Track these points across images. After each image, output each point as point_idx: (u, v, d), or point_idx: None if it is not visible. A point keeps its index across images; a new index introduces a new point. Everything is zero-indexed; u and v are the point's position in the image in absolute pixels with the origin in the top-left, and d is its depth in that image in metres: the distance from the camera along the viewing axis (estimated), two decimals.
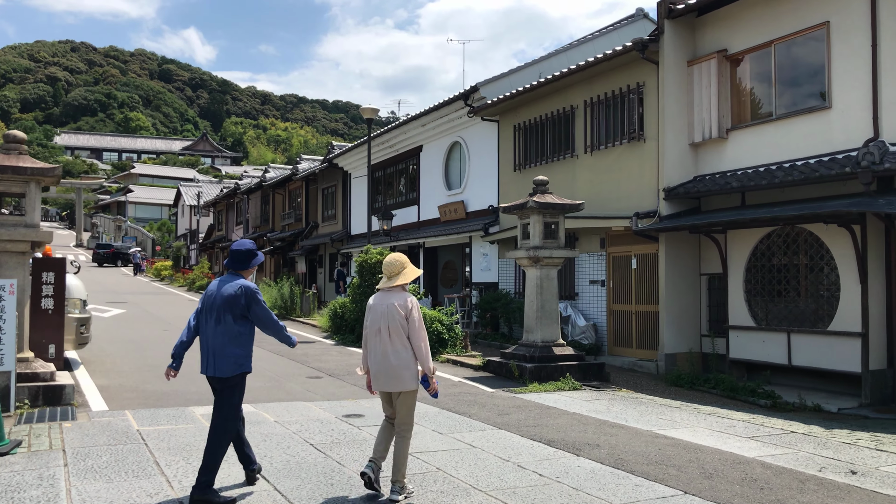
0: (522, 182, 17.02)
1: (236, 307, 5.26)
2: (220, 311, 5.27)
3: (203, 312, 5.40)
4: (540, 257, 11.67)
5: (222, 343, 5.23)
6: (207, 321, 5.33)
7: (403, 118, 22.29)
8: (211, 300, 5.34)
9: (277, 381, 10.70)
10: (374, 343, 5.43)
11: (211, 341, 5.28)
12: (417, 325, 5.36)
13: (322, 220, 30.20)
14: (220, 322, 5.25)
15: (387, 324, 5.35)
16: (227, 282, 5.38)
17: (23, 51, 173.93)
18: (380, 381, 5.41)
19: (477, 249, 19.07)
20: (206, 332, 5.35)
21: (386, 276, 5.53)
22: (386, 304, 5.40)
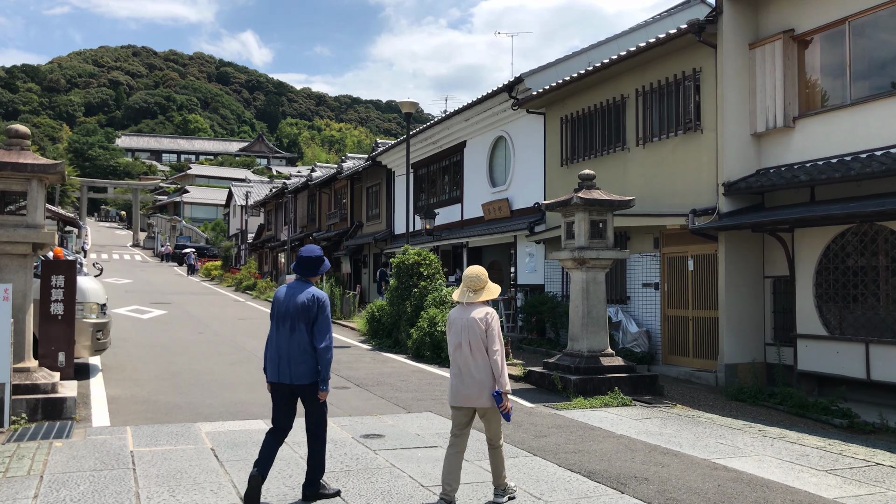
0: (570, 178, 15.98)
1: (309, 315, 5.27)
2: (293, 319, 5.28)
3: (275, 320, 5.40)
4: (586, 259, 10.69)
5: (298, 350, 5.24)
6: (280, 329, 5.33)
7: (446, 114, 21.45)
8: (283, 308, 5.35)
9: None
10: (455, 357, 5.40)
11: (285, 349, 5.29)
12: (496, 340, 5.30)
13: (366, 219, 29.61)
14: (294, 330, 5.27)
15: (468, 338, 5.31)
16: (299, 289, 5.38)
17: (87, 56, 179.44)
18: (460, 396, 5.35)
19: (522, 249, 18.11)
20: (279, 339, 5.35)
21: (471, 290, 5.49)
22: (466, 318, 5.37)
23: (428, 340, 13.45)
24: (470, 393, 5.29)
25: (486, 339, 5.29)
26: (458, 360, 5.37)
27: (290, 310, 5.31)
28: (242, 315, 22.75)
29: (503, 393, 5.23)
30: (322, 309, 5.32)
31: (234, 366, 12.11)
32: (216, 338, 16.22)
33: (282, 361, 5.29)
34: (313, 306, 5.29)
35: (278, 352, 5.32)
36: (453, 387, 5.40)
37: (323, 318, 5.32)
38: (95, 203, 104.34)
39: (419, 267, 15.20)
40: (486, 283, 5.55)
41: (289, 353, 5.26)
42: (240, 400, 9.21)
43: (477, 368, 5.27)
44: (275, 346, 5.36)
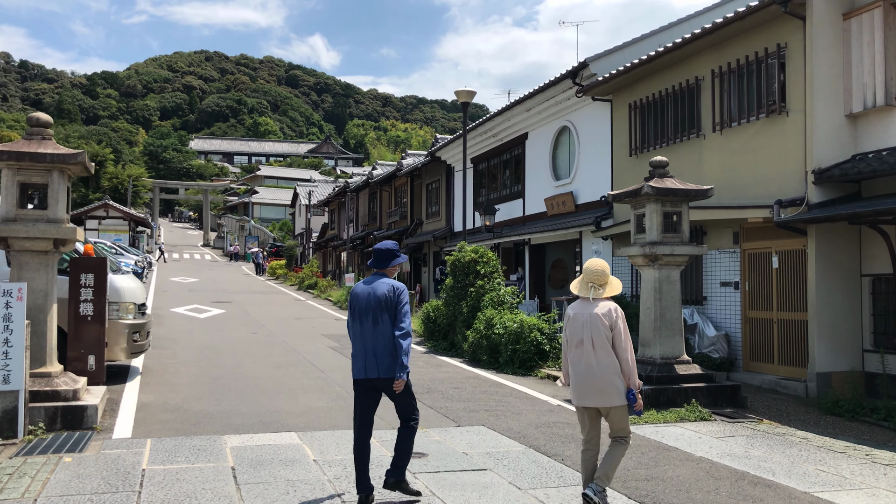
0: (639, 168, 14.82)
1: (391, 306, 5.22)
2: (375, 311, 5.23)
3: (356, 317, 5.33)
4: (658, 255, 9.59)
5: (384, 343, 5.19)
6: (363, 323, 5.27)
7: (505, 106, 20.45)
8: (364, 302, 5.29)
9: (343, 399, 9.21)
10: (575, 355, 5.25)
11: (371, 343, 5.23)
12: (623, 336, 5.16)
13: (426, 217, 28.88)
14: (377, 323, 5.21)
15: (590, 334, 5.16)
16: (378, 283, 5.34)
17: (162, 62, 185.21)
18: (583, 395, 5.21)
19: (588, 246, 17.00)
20: (363, 334, 5.28)
21: (596, 286, 5.30)
22: (588, 314, 5.21)
23: (485, 343, 12.54)
24: (593, 392, 5.14)
25: (611, 336, 5.12)
26: (578, 357, 5.21)
27: (371, 303, 5.25)
28: (299, 315, 22.30)
29: (636, 392, 5.12)
30: (401, 298, 5.27)
31: (279, 369, 11.47)
32: (268, 338, 15.71)
33: (368, 356, 5.23)
34: (393, 296, 5.24)
35: (364, 347, 5.25)
36: (574, 386, 5.25)
37: (403, 307, 5.26)
38: (169, 204, 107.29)
39: (476, 265, 14.29)
40: (610, 277, 5.35)
41: (374, 347, 5.20)
42: (277, 409, 8.51)
43: (600, 366, 5.11)
44: (360, 341, 5.29)
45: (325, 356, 13.20)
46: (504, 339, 12.11)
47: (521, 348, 11.80)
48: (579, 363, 5.19)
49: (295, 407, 8.64)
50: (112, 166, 73.91)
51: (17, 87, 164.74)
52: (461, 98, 16.37)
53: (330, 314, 23.13)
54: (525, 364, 11.81)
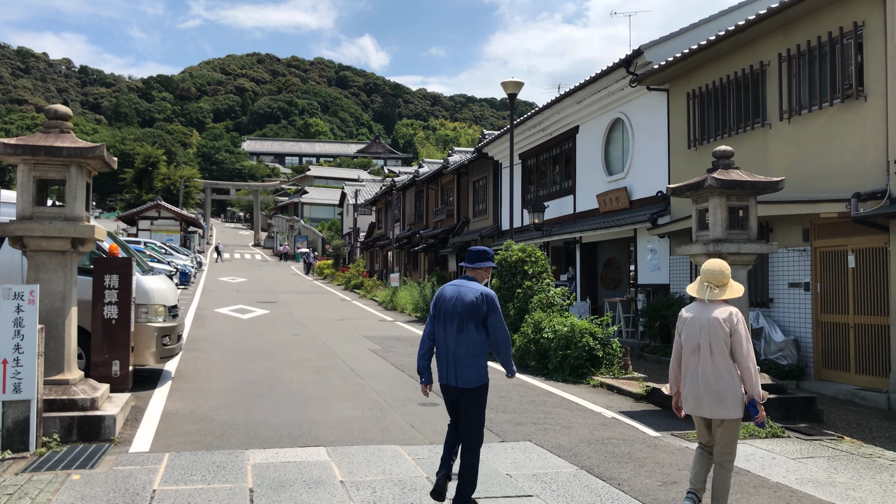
0: (699, 161, 13.89)
1: (478, 314, 5.05)
2: (461, 318, 5.06)
3: (440, 319, 5.18)
4: (723, 254, 8.72)
5: (465, 352, 5.02)
6: (447, 328, 5.11)
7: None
8: (450, 306, 5.13)
9: (380, 409, 8.60)
10: (690, 362, 4.98)
11: (453, 350, 5.07)
12: (745, 343, 4.84)
13: (473, 215, 28.19)
14: (462, 330, 5.05)
15: (707, 340, 4.89)
16: (465, 287, 5.18)
17: (216, 65, 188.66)
18: (697, 404, 4.95)
19: (643, 244, 16.10)
20: (445, 340, 5.12)
21: (714, 286, 5.01)
22: (706, 318, 4.93)
23: (532, 348, 11.79)
24: (709, 402, 4.86)
25: (730, 342, 4.82)
26: (693, 364, 4.95)
27: (457, 308, 5.09)
28: (344, 315, 21.86)
29: (758, 403, 4.80)
30: (492, 307, 5.09)
31: (316, 374, 10.94)
32: (309, 340, 15.24)
33: (449, 363, 5.08)
34: (482, 304, 5.06)
35: (447, 352, 5.11)
36: (689, 393, 4.98)
37: (496, 317, 5.09)
38: (222, 205, 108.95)
39: (523, 265, 13.56)
40: (730, 278, 5.04)
41: (455, 355, 5.05)
42: (308, 419, 7.94)
43: (717, 374, 4.84)
44: (443, 346, 5.13)
45: (365, 360, 12.64)
46: (553, 344, 11.36)
47: (572, 354, 11.03)
48: (695, 370, 4.93)
49: (327, 417, 8.06)
50: (164, 167, 75.15)
51: (78, 92, 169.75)
52: (508, 89, 15.64)
53: (374, 315, 22.64)
54: (576, 371, 11.04)
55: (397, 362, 12.42)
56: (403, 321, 20.73)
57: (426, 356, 5.27)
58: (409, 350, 14.21)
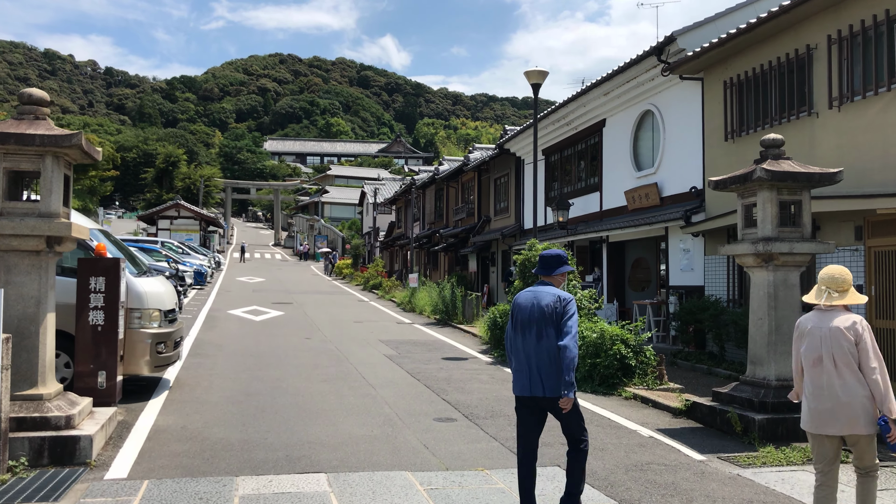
0: (737, 154, 12.94)
1: (556, 319, 4.86)
2: (539, 324, 4.89)
3: (517, 328, 5.01)
4: (773, 254, 7.81)
5: (549, 360, 4.80)
6: (526, 336, 4.94)
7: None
8: (527, 313, 4.97)
9: (391, 426, 7.79)
10: (813, 375, 4.62)
11: (535, 359, 4.87)
12: (872, 354, 4.47)
13: (494, 213, 27.32)
14: (542, 337, 4.86)
15: (830, 350, 4.55)
16: (541, 292, 5.01)
17: (238, 66, 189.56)
18: (824, 422, 4.54)
19: (675, 244, 15.16)
20: (525, 348, 4.93)
21: (834, 291, 4.68)
22: (827, 327, 4.60)
23: None
24: (837, 418, 4.47)
25: (856, 353, 4.48)
26: (816, 378, 4.59)
27: (534, 314, 4.92)
28: (360, 317, 21.12)
29: (890, 420, 4.36)
30: (568, 309, 4.88)
31: (325, 383, 10.16)
32: (321, 345, 14.49)
33: (532, 373, 4.86)
34: (559, 307, 4.88)
35: (528, 363, 4.90)
36: (811, 410, 4.61)
37: (571, 321, 4.84)
38: (243, 204, 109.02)
39: None
40: (851, 284, 4.71)
41: (538, 364, 4.84)
42: (311, 439, 7.15)
43: (844, 388, 4.47)
44: (522, 356, 4.93)
45: (378, 367, 11.84)
46: (581, 352, 10.47)
47: (602, 363, 10.14)
48: (818, 385, 4.56)
49: (332, 436, 7.27)
50: (185, 167, 75.10)
51: (103, 94, 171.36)
52: (532, 79, 14.75)
53: (392, 317, 21.87)
54: (606, 381, 10.15)
55: (413, 370, 11.60)
56: (421, 324, 19.94)
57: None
58: (425, 356, 13.40)
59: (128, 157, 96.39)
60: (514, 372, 5.01)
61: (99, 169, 78.94)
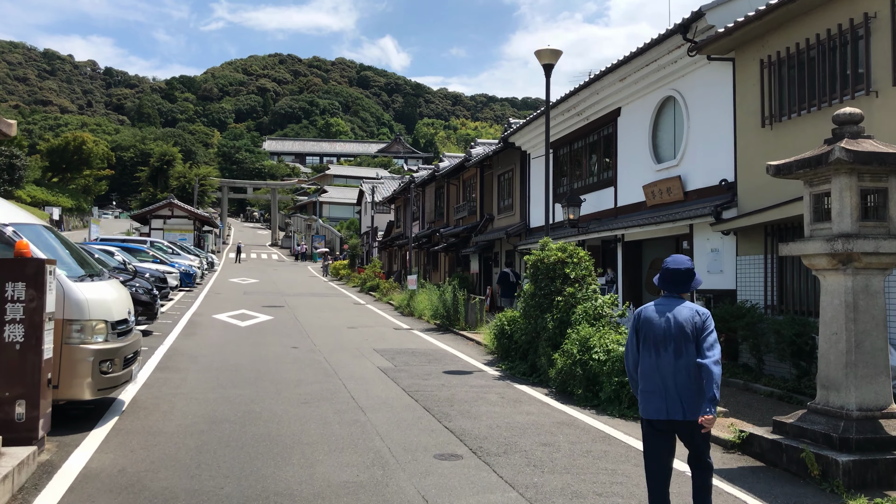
0: (776, 141, 11.46)
1: (696, 335, 4.57)
2: (678, 341, 4.57)
3: (648, 345, 4.68)
4: (854, 254, 6.32)
5: (689, 380, 4.50)
6: (660, 354, 4.60)
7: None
8: (662, 329, 4.63)
9: (383, 466, 6.30)
10: None
11: (673, 378, 4.55)
12: None
13: (497, 211, 25.82)
14: (680, 355, 4.56)
15: None
16: (675, 306, 4.71)
17: (238, 66, 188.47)
18: None
19: (701, 243, 13.67)
20: (660, 367, 4.59)
21: None
22: None
23: (579, 372, 9.41)
24: None
25: None
26: None
27: (671, 330, 4.60)
28: (354, 322, 19.63)
29: None
30: (708, 325, 4.59)
31: (306, 406, 8.67)
32: (308, 355, 13.01)
33: (669, 394, 4.53)
34: (699, 322, 4.59)
35: (663, 383, 4.55)
36: None
37: (712, 338, 4.56)
38: (241, 204, 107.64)
39: (564, 267, 11.19)
40: None
41: (677, 384, 4.52)
42: (279, 488, 5.66)
43: None
44: (657, 375, 4.59)
45: (371, 384, 10.36)
46: (606, 368, 8.99)
47: None
48: None
49: (307, 483, 5.78)
50: (180, 165, 73.65)
51: (102, 94, 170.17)
52: (543, 59, 13.27)
53: (389, 322, 20.37)
54: (636, 403, 8.63)
55: (410, 387, 10.11)
56: (420, 329, 18.45)
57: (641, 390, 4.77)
58: (425, 368, 11.91)
59: (125, 157, 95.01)
60: (643, 394, 4.71)
61: (93, 168, 77.62)
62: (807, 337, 10.05)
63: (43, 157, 73.84)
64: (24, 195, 60.06)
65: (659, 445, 4.65)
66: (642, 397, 4.72)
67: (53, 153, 72.62)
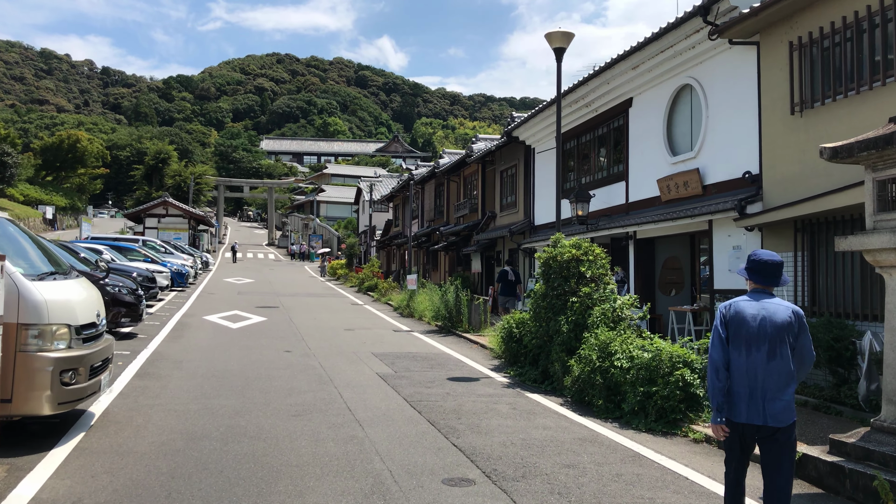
0: (808, 129, 10.61)
1: (792, 336, 4.30)
2: (773, 342, 4.26)
3: (739, 343, 4.32)
4: None
5: (778, 383, 4.22)
6: (751, 353, 4.28)
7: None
8: (756, 328, 4.28)
9: (384, 495, 5.43)
10: None
11: (762, 380, 4.25)
12: None
13: (500, 209, 24.95)
14: (774, 356, 4.25)
15: None
16: (772, 304, 4.36)
17: (235, 65, 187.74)
18: None
19: (721, 240, 12.81)
20: (749, 367, 4.28)
21: None
22: None
23: (599, 381, 8.54)
24: None
25: None
26: None
27: (766, 329, 4.27)
28: (351, 324, 18.76)
29: None
30: (804, 327, 4.35)
31: (297, 419, 7.80)
32: (302, 360, 12.14)
33: (754, 396, 4.24)
34: (796, 323, 4.32)
35: (750, 385, 4.25)
36: None
37: (807, 339, 4.37)
38: (239, 203, 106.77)
39: (579, 265, 10.32)
40: None
41: (765, 386, 4.23)
42: None
43: None
44: (745, 376, 4.27)
45: (370, 392, 9.49)
46: (630, 377, 8.12)
47: (660, 392, 7.77)
48: None
49: None
50: (175, 164, 72.74)
51: (100, 93, 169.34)
52: (554, 43, 12.40)
53: (388, 323, 19.51)
54: (664, 416, 7.78)
55: (412, 396, 9.24)
56: (421, 332, 17.57)
57: (725, 391, 4.33)
58: (427, 375, 11.04)
59: (121, 156, 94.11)
60: (731, 394, 4.36)
61: (88, 166, 76.66)
62: (846, 342, 9.19)
63: (36, 155, 72.92)
64: (17, 193, 59.14)
65: (735, 454, 4.39)
66: (728, 398, 4.36)
67: (47, 151, 71.69)
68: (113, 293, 13.60)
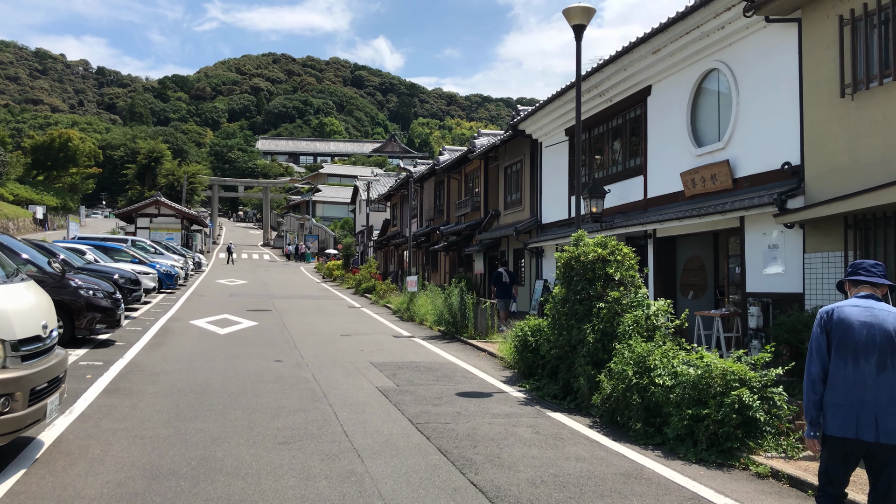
0: (858, 114, 9.45)
1: None
2: (884, 351, 3.94)
3: (844, 352, 3.99)
4: None
5: (890, 397, 3.91)
6: (859, 365, 3.97)
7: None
8: (864, 335, 3.96)
9: None
10: None
11: (872, 393, 3.93)
12: None
13: (504, 207, 23.77)
14: (885, 367, 3.94)
15: None
16: (880, 309, 4.03)
17: (231, 65, 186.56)
18: None
19: (755, 238, 11.65)
20: (856, 379, 3.97)
21: None
22: None
23: (636, 401, 7.35)
24: None
25: None
26: None
27: (875, 338, 3.95)
28: (348, 329, 17.57)
29: None
30: None
31: (285, 448, 6.60)
32: (294, 372, 10.94)
33: (864, 411, 3.93)
34: None
35: (859, 397, 3.95)
36: None
37: None
38: (234, 203, 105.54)
39: (605, 266, 9.13)
40: None
41: (876, 400, 3.92)
42: None
43: None
44: (851, 388, 3.97)
45: (369, 413, 8.29)
46: (674, 396, 6.95)
47: (712, 415, 6.59)
48: None
49: None
50: (169, 163, 71.47)
51: (94, 93, 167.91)
52: (573, 19, 11.25)
53: (387, 328, 18.31)
54: (718, 444, 6.60)
55: (418, 416, 8.05)
56: (423, 337, 16.38)
57: (820, 404, 4.00)
58: (433, 389, 9.85)
59: (115, 156, 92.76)
60: (829, 406, 3.98)
61: (80, 166, 75.34)
62: None
63: (27, 153, 71.59)
64: (6, 193, 57.82)
65: (839, 472, 4.03)
66: (829, 410, 4.02)
67: (38, 150, 70.36)
68: (87, 297, 12.39)
